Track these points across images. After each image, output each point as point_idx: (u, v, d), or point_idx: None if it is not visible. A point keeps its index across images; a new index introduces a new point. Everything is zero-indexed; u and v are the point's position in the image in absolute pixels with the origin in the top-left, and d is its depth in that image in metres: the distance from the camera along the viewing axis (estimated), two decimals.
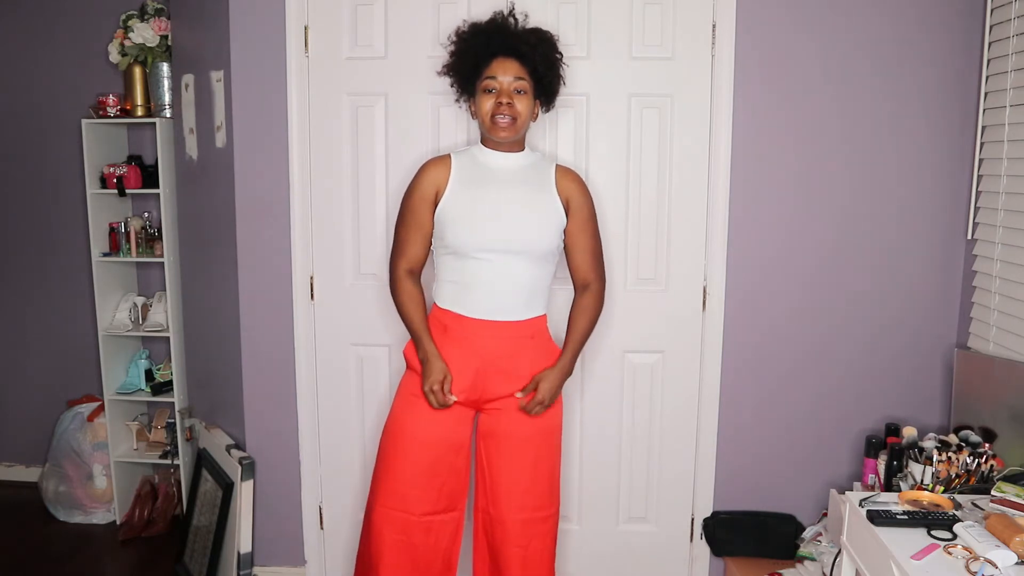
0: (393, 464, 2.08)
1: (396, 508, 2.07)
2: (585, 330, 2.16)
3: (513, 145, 2.10)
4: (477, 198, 2.05)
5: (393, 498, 2.07)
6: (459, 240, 2.02)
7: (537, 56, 2.05)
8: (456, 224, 2.03)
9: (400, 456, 2.07)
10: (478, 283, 2.03)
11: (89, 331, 3.21)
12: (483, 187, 2.06)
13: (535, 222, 2.06)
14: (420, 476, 2.06)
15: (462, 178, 2.07)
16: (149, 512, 3.07)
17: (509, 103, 2.01)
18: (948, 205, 2.45)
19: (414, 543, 2.09)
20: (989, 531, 1.63)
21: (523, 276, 2.05)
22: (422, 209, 2.08)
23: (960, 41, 2.37)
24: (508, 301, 2.05)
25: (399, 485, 2.07)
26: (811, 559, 2.30)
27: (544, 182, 2.11)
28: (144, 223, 3.10)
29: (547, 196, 2.09)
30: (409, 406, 2.09)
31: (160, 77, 2.97)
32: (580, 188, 2.15)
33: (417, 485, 2.07)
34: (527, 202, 2.06)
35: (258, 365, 2.58)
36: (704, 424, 2.55)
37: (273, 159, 2.48)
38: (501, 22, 2.09)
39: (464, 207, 2.04)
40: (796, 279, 2.50)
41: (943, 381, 2.49)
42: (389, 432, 2.12)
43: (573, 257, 2.16)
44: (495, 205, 2.04)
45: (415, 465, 2.06)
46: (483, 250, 2.01)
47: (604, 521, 2.61)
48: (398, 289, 2.12)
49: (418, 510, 2.07)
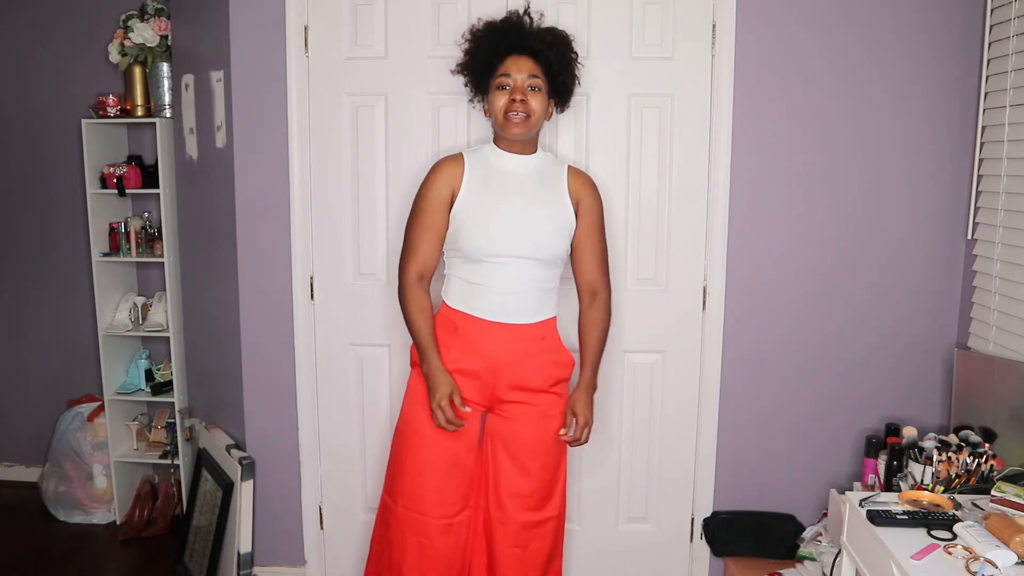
0: (409, 466, 2.08)
1: (416, 511, 2.07)
2: (599, 342, 2.17)
3: (526, 146, 2.09)
4: (491, 203, 2.04)
5: (413, 500, 2.07)
6: (473, 245, 2.01)
7: (552, 55, 2.05)
8: (470, 229, 2.02)
9: (417, 459, 2.07)
10: (490, 286, 2.03)
11: (89, 331, 3.22)
12: (497, 191, 2.05)
13: (548, 227, 2.05)
14: (437, 477, 2.06)
15: (476, 180, 2.06)
16: (149, 512, 3.07)
17: (523, 100, 2.00)
18: (948, 205, 2.45)
19: (435, 545, 2.08)
20: (989, 531, 1.63)
21: (535, 279, 2.05)
22: (437, 209, 2.04)
23: (960, 41, 2.37)
24: (520, 304, 2.04)
25: (418, 488, 2.06)
26: (811, 559, 2.30)
27: (556, 185, 2.11)
28: (144, 223, 3.10)
29: (559, 200, 2.09)
30: (421, 407, 2.07)
31: (160, 77, 2.97)
32: (591, 191, 2.14)
33: (434, 486, 2.06)
34: (540, 207, 2.06)
35: (258, 365, 2.58)
36: (704, 424, 2.55)
37: (273, 159, 2.48)
38: (516, 20, 2.09)
39: (478, 212, 2.03)
40: (796, 279, 2.50)
41: (943, 381, 2.49)
42: (402, 435, 2.11)
43: (580, 261, 2.14)
44: (509, 211, 2.03)
45: (432, 466, 2.06)
46: (496, 255, 2.01)
47: (604, 521, 2.61)
48: (407, 298, 2.06)
49: (437, 512, 2.07)
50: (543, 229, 2.04)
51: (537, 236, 2.03)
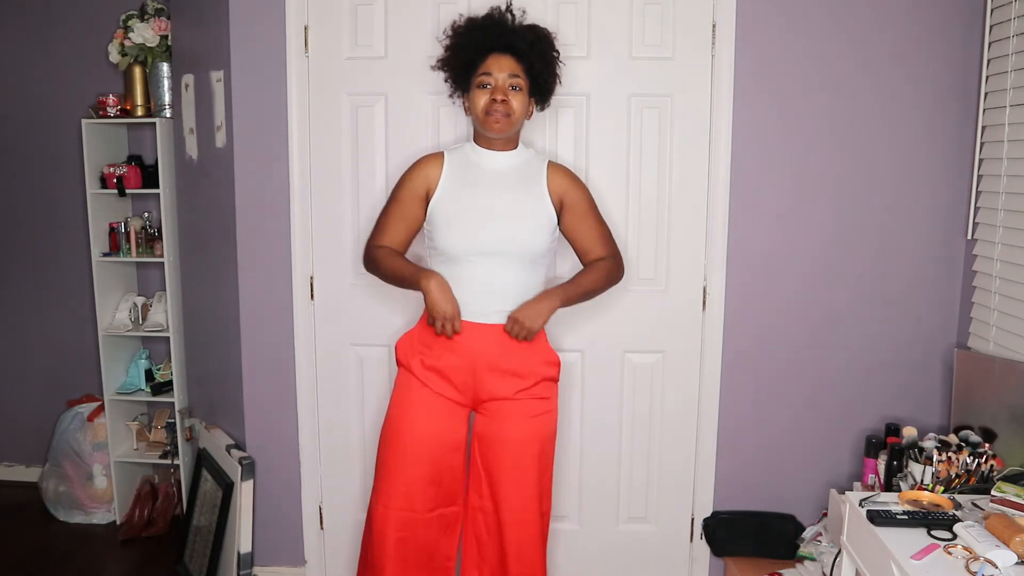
0: (392, 463, 2.08)
1: (397, 507, 2.07)
2: (589, 280, 2.14)
3: (506, 143, 2.09)
4: (467, 200, 2.04)
5: (393, 497, 2.07)
6: (448, 242, 2.02)
7: (534, 53, 2.04)
8: (446, 227, 2.03)
9: (399, 455, 2.08)
10: (470, 285, 2.03)
11: (89, 331, 3.21)
12: (474, 189, 2.06)
13: (525, 225, 2.05)
14: (419, 474, 2.07)
15: (453, 178, 2.07)
16: (149, 512, 3.07)
17: (504, 99, 1.99)
18: (948, 205, 2.45)
19: (416, 539, 2.09)
20: (989, 531, 1.63)
21: (515, 279, 2.04)
22: (409, 203, 2.10)
23: (960, 41, 2.37)
24: (500, 303, 2.04)
25: (399, 483, 2.07)
26: (811, 559, 2.30)
27: (536, 182, 2.11)
28: (144, 223, 3.10)
29: (538, 197, 2.09)
30: (404, 406, 2.09)
31: (160, 77, 2.97)
32: (572, 182, 2.15)
33: (416, 483, 2.07)
34: (518, 204, 2.06)
35: (258, 365, 2.58)
36: (704, 424, 2.55)
37: (273, 159, 2.48)
38: (498, 17, 2.08)
39: (454, 209, 2.04)
40: (796, 279, 2.50)
41: (943, 381, 2.49)
42: (387, 432, 2.12)
43: (580, 244, 2.17)
44: (485, 208, 2.03)
45: (414, 463, 2.06)
46: (473, 253, 2.01)
47: (604, 521, 2.61)
48: (374, 256, 2.13)
49: (419, 507, 2.08)
50: (520, 227, 2.04)
51: (513, 234, 2.03)
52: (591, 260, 2.18)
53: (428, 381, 2.07)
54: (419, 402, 2.07)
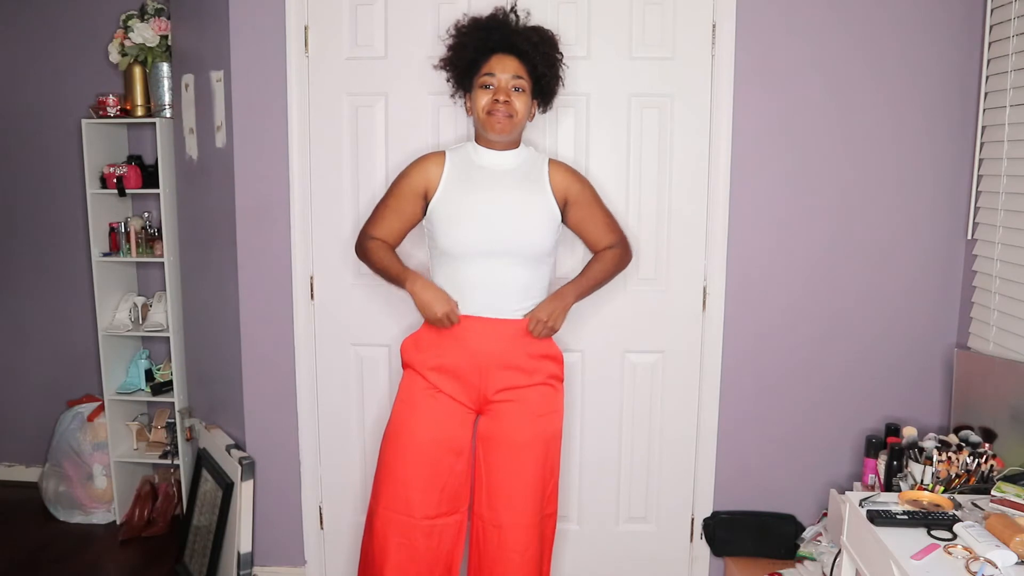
0: (394, 467, 2.08)
1: (398, 511, 2.06)
2: (598, 271, 2.21)
3: (508, 143, 2.09)
4: (469, 201, 2.04)
5: (395, 501, 2.06)
6: (450, 242, 2.02)
7: (537, 55, 2.04)
8: (447, 226, 2.02)
9: (401, 459, 2.07)
10: (472, 284, 2.03)
11: (89, 331, 3.22)
12: (475, 188, 2.06)
13: (528, 224, 2.05)
14: (421, 479, 2.06)
15: (454, 178, 2.07)
16: (149, 512, 3.07)
17: (507, 100, 2.00)
18: (948, 205, 2.45)
19: (416, 546, 2.07)
20: (989, 531, 1.63)
21: (518, 277, 2.05)
22: (406, 198, 2.12)
23: (960, 41, 2.37)
24: (503, 300, 2.04)
25: (401, 488, 2.06)
26: (811, 559, 2.30)
27: (538, 180, 2.11)
28: (144, 223, 3.10)
29: (540, 195, 2.09)
30: (409, 409, 2.08)
31: (160, 77, 2.97)
32: (574, 178, 2.16)
33: (418, 488, 2.06)
34: (520, 203, 2.06)
35: (258, 365, 2.58)
36: (704, 424, 2.55)
37: (273, 159, 2.48)
38: (502, 18, 2.08)
39: (456, 210, 2.04)
40: (796, 279, 2.50)
41: (943, 381, 2.49)
42: (389, 435, 2.11)
43: (590, 236, 2.21)
44: (487, 207, 2.03)
45: (416, 468, 2.05)
46: (477, 253, 2.01)
47: (604, 521, 2.61)
48: (366, 247, 2.16)
49: (420, 513, 2.06)
50: (522, 226, 2.04)
51: (515, 233, 2.03)
52: (601, 249, 2.22)
53: (435, 381, 2.07)
54: (423, 403, 2.06)
